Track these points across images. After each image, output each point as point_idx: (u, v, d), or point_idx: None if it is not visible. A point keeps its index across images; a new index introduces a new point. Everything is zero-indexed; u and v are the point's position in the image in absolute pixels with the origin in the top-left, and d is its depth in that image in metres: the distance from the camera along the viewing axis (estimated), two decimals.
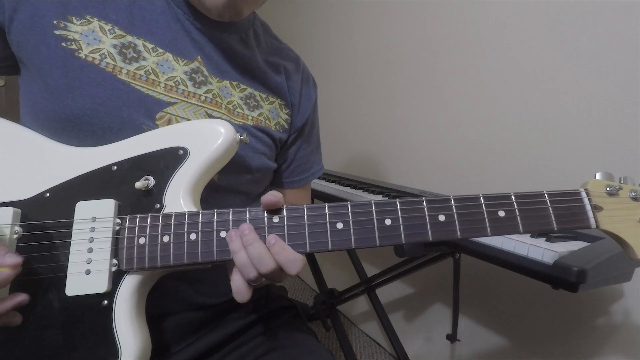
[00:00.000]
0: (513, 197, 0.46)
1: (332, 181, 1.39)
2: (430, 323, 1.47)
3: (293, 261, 0.44)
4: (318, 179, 1.42)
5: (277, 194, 0.47)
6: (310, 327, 0.74)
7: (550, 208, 0.46)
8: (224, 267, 0.65)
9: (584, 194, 0.47)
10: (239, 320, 0.67)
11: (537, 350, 1.08)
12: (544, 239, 0.70)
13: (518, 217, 0.46)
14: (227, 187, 0.61)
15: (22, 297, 0.44)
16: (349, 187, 1.26)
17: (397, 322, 1.55)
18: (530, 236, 0.71)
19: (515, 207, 0.46)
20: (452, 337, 1.21)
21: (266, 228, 0.46)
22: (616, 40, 0.89)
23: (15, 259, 0.42)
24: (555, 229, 0.46)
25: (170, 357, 0.59)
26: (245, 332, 0.67)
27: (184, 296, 0.61)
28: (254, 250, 0.44)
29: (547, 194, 0.47)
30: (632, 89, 0.86)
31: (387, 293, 1.61)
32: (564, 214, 0.46)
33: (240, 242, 0.45)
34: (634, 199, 0.47)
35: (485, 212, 0.46)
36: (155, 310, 0.50)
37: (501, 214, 0.46)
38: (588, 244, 0.71)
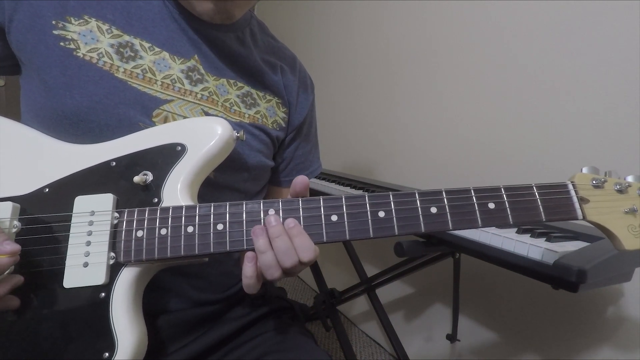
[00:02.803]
0: (502, 189, 0.48)
1: (332, 181, 1.40)
2: (430, 323, 1.47)
3: (308, 248, 0.45)
4: (317, 178, 1.43)
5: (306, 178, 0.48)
6: (308, 329, 0.74)
7: (538, 200, 0.48)
8: (220, 263, 0.65)
9: (570, 187, 0.49)
10: (236, 321, 0.67)
11: (537, 350, 1.08)
12: (544, 239, 0.70)
13: (508, 208, 0.47)
14: (224, 184, 0.61)
15: (17, 278, 0.44)
16: (348, 187, 1.27)
17: (397, 322, 1.55)
18: (530, 236, 0.71)
19: (505, 199, 0.47)
20: (452, 337, 1.21)
21: (262, 220, 0.47)
22: (616, 40, 0.89)
23: (13, 247, 0.42)
24: (544, 220, 0.47)
25: (167, 357, 0.60)
26: (242, 333, 0.67)
27: (180, 292, 0.61)
28: (282, 243, 0.44)
29: (536, 186, 0.48)
30: (632, 89, 0.86)
31: (387, 293, 1.61)
32: (551, 205, 0.47)
33: (267, 240, 0.45)
34: (619, 191, 0.48)
35: (475, 204, 0.47)
36: (152, 306, 0.50)
37: (491, 205, 0.47)
38: (588, 244, 0.70)
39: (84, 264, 0.45)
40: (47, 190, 0.49)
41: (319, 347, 0.65)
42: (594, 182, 0.49)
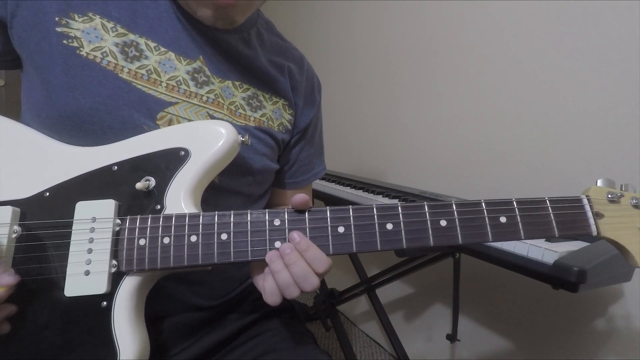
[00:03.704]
0: (515, 202, 0.46)
1: (332, 181, 1.39)
2: (430, 323, 1.48)
3: (320, 259, 0.45)
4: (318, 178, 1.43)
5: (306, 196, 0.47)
6: (308, 328, 0.74)
7: (551, 214, 0.46)
8: (222, 269, 0.65)
9: (585, 201, 0.47)
10: (237, 321, 0.67)
11: (537, 351, 1.08)
12: (544, 239, 0.71)
13: (519, 223, 0.45)
14: (227, 188, 0.60)
15: (10, 309, 0.43)
16: (348, 187, 1.26)
17: (397, 322, 1.55)
18: None
19: (517, 213, 0.46)
20: (452, 337, 1.21)
21: (267, 231, 0.46)
22: (616, 40, 0.89)
23: (11, 279, 0.41)
24: (557, 235, 0.45)
25: (170, 359, 0.59)
26: (242, 333, 0.66)
27: (181, 298, 0.61)
28: (298, 269, 0.44)
29: (549, 200, 0.46)
30: (632, 89, 0.86)
31: (387, 293, 1.61)
32: (565, 220, 0.46)
33: (282, 263, 0.45)
34: (635, 206, 0.47)
35: (486, 218, 0.45)
36: (152, 312, 0.50)
37: (503, 219, 0.45)
38: (588, 244, 0.71)
39: (85, 272, 0.45)
40: (47, 194, 0.48)
41: (319, 347, 0.65)
42: (609, 196, 0.47)
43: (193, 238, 0.45)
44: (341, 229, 0.46)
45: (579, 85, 0.96)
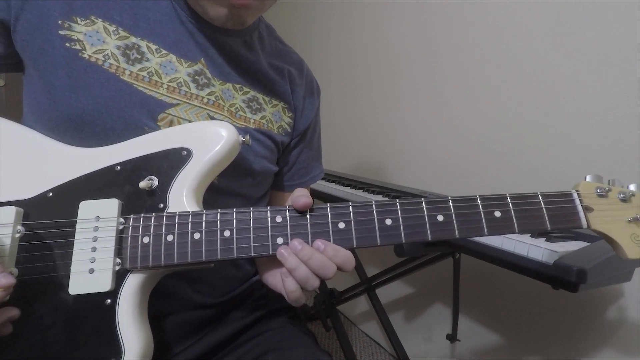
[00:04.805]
0: (508, 198, 0.48)
1: (332, 181, 1.40)
2: (430, 323, 1.48)
3: (349, 259, 0.46)
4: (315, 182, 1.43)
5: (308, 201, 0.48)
6: (309, 328, 0.74)
7: (544, 209, 0.48)
8: (222, 267, 0.65)
9: (575, 195, 0.49)
10: (239, 320, 0.67)
11: (537, 350, 1.09)
12: (544, 239, 0.71)
13: (513, 217, 0.47)
14: (227, 189, 0.61)
15: (13, 312, 0.43)
16: (349, 187, 1.26)
17: (397, 322, 1.55)
18: (530, 236, 0.72)
19: (511, 207, 0.47)
20: (452, 337, 1.21)
21: (269, 227, 0.47)
22: (616, 40, 0.89)
23: (8, 280, 0.41)
24: (549, 228, 0.47)
25: (172, 359, 0.60)
26: (244, 333, 0.67)
27: (183, 296, 0.61)
28: (316, 262, 0.45)
29: (541, 195, 0.48)
30: (632, 89, 0.86)
31: (387, 293, 1.61)
32: (557, 214, 0.48)
33: (296, 258, 0.45)
34: (623, 200, 0.49)
35: (482, 213, 0.47)
36: (155, 310, 0.50)
37: (497, 214, 0.47)
38: (588, 244, 0.71)
39: (89, 270, 0.45)
40: (50, 194, 0.49)
41: (319, 347, 0.65)
42: (598, 190, 0.49)
43: (196, 235, 0.46)
44: (341, 225, 0.47)
45: (579, 85, 0.96)
